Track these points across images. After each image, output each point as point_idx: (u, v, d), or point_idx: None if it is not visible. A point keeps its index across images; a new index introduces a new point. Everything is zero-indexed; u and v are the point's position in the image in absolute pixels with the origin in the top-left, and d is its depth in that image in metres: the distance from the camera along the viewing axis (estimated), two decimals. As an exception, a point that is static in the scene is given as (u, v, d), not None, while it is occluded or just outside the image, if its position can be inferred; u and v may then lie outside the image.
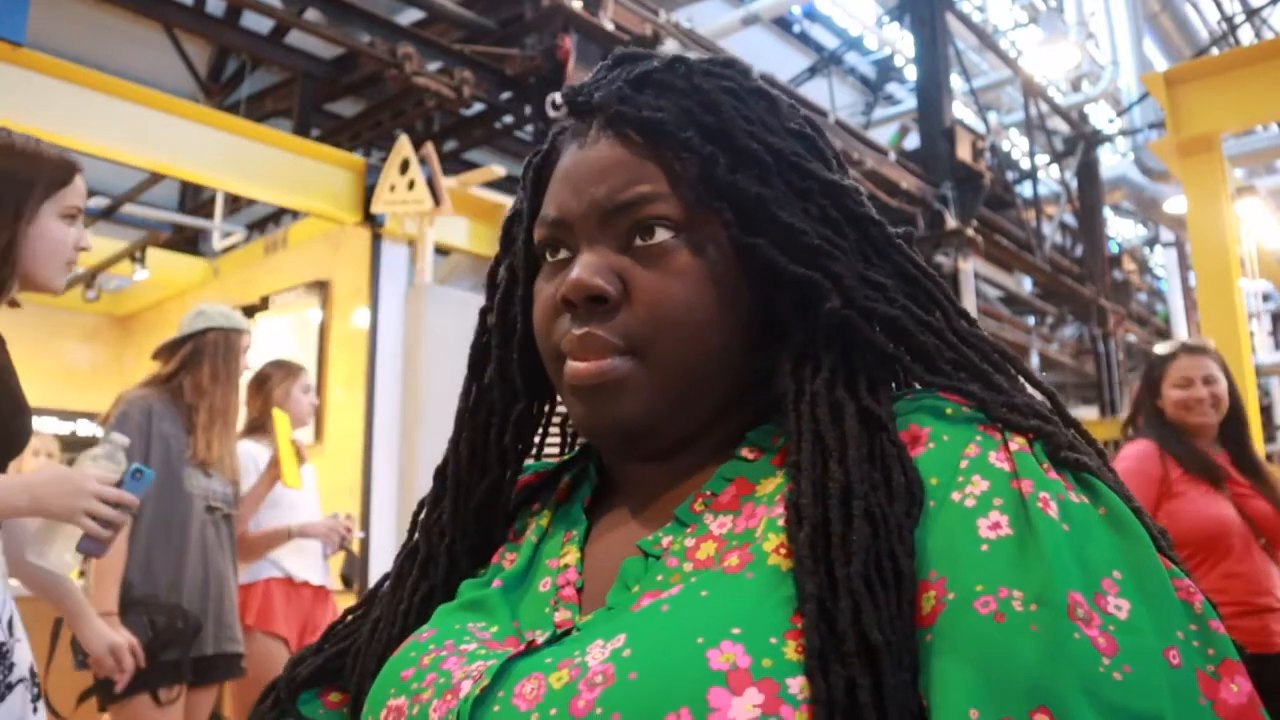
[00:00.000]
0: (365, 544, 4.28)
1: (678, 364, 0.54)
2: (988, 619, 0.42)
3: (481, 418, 0.65)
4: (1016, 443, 0.49)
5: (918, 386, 0.57)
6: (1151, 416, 2.49)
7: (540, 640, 0.51)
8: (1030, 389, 0.56)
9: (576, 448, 0.71)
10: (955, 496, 0.47)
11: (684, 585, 0.49)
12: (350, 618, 0.72)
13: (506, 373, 0.64)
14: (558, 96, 0.61)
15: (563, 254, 0.58)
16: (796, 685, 0.43)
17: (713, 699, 0.42)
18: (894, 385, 0.58)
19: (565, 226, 0.57)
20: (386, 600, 0.67)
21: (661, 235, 0.55)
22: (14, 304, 1.47)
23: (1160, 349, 2.59)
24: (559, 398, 0.69)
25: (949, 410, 0.52)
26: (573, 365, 0.55)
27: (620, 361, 0.54)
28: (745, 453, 0.57)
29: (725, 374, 0.56)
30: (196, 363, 2.59)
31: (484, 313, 0.67)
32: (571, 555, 0.59)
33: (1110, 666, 0.41)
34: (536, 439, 0.70)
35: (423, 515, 0.68)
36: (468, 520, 0.65)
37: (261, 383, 3.16)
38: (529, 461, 0.71)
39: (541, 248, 0.59)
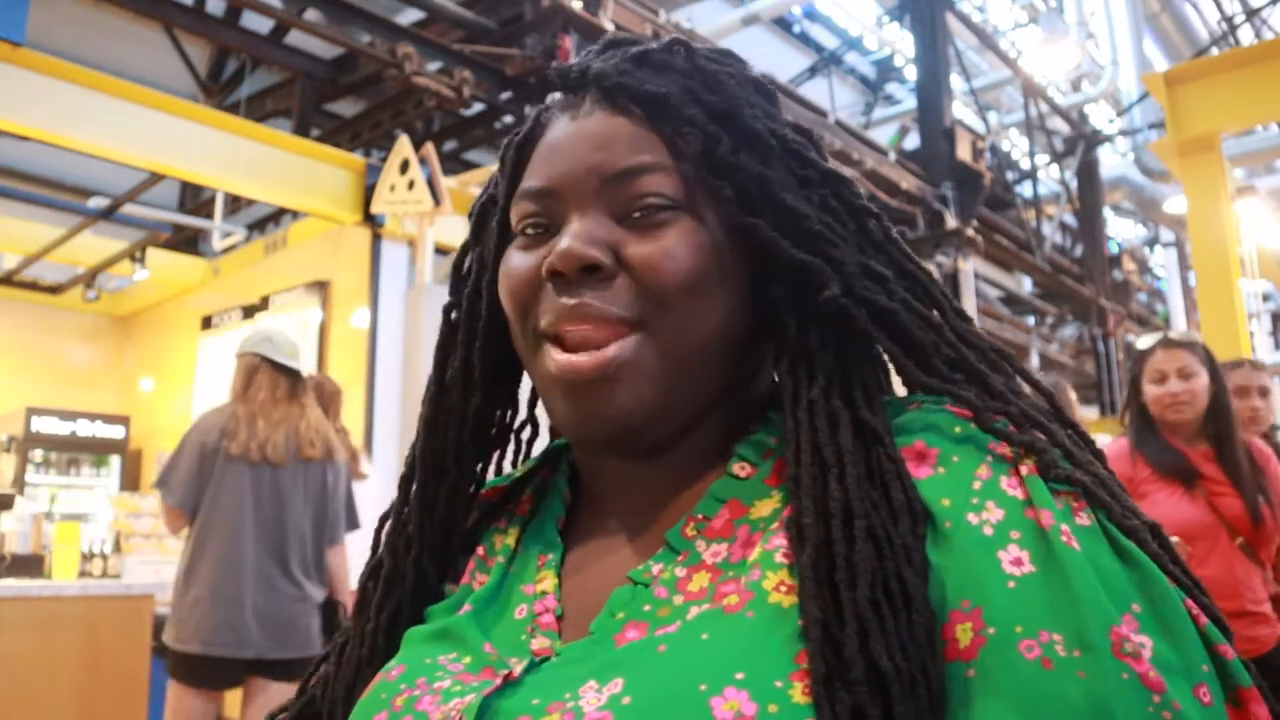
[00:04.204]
0: (365, 544, 4.29)
1: (687, 336, 0.52)
2: (1034, 664, 0.41)
3: (442, 421, 0.62)
4: (1027, 465, 0.47)
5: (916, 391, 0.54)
6: (1135, 413, 2.44)
7: (518, 670, 0.48)
8: (1029, 390, 0.54)
9: (532, 458, 0.67)
10: (972, 519, 0.45)
11: (681, 624, 0.47)
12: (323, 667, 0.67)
13: (468, 365, 0.61)
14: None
15: (543, 228, 0.55)
16: None
17: None
18: (890, 381, 0.57)
19: (553, 195, 0.54)
20: (353, 621, 0.64)
21: (658, 207, 0.52)
22: None
23: (1142, 342, 2.52)
24: (523, 401, 0.65)
25: (958, 428, 0.50)
26: (565, 358, 0.51)
27: (621, 347, 0.51)
28: (736, 469, 0.53)
29: (723, 360, 0.54)
30: None
31: (448, 309, 0.63)
32: (549, 581, 0.55)
33: (1160, 705, 0.40)
34: (498, 450, 0.66)
35: (386, 528, 0.64)
36: (433, 531, 0.62)
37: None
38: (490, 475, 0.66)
39: (521, 224, 0.56)
